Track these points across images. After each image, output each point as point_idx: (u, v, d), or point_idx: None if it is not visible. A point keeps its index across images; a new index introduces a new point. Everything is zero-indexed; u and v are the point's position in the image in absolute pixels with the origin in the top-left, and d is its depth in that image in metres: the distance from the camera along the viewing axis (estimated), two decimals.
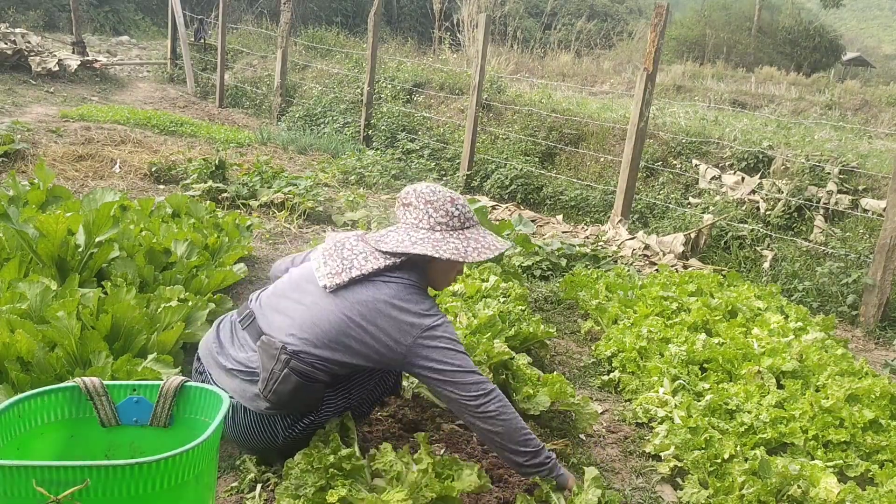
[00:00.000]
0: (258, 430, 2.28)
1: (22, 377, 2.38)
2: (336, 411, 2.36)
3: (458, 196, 2.37)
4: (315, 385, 2.22)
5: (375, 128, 9.69)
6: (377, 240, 2.32)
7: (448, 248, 2.25)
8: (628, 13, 33.35)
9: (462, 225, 2.32)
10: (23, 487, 1.46)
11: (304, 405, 2.26)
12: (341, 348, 2.20)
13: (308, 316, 2.23)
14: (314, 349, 2.19)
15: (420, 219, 2.30)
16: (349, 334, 2.19)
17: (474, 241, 2.30)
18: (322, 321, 2.20)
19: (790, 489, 2.41)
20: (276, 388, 2.18)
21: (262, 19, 18.25)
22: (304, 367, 2.17)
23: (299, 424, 2.29)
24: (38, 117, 8.84)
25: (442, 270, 2.37)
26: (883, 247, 4.83)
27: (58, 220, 3.17)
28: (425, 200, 2.30)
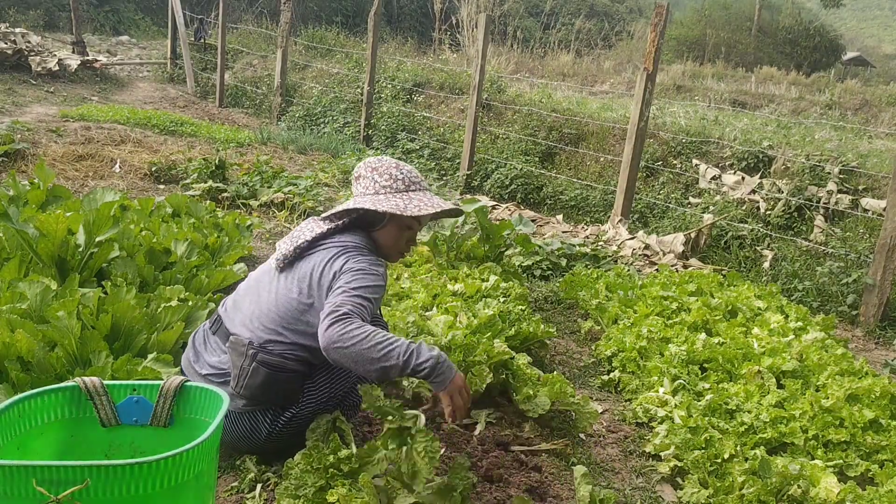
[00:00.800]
0: (240, 429, 2.30)
1: (22, 377, 2.38)
2: (320, 403, 2.34)
3: (405, 164, 2.42)
4: (287, 375, 2.24)
5: (375, 127, 9.69)
6: (324, 213, 2.42)
7: (388, 204, 2.28)
8: (628, 13, 33.35)
9: (406, 188, 2.36)
10: (23, 487, 1.46)
11: (280, 397, 2.27)
12: (301, 327, 2.23)
13: (265, 306, 2.28)
14: (277, 336, 2.23)
15: (367, 187, 2.36)
16: (303, 310, 2.23)
17: (417, 199, 2.33)
18: (279, 306, 2.25)
19: (790, 489, 2.41)
20: (247, 382, 2.21)
21: (262, 19, 18.25)
22: (273, 359, 2.21)
23: (281, 419, 2.29)
24: (38, 117, 8.84)
25: (388, 234, 2.39)
26: (883, 246, 4.83)
27: (58, 219, 3.17)
28: (371, 168, 2.38)
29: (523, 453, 2.62)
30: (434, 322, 3.18)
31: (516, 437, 2.72)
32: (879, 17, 54.43)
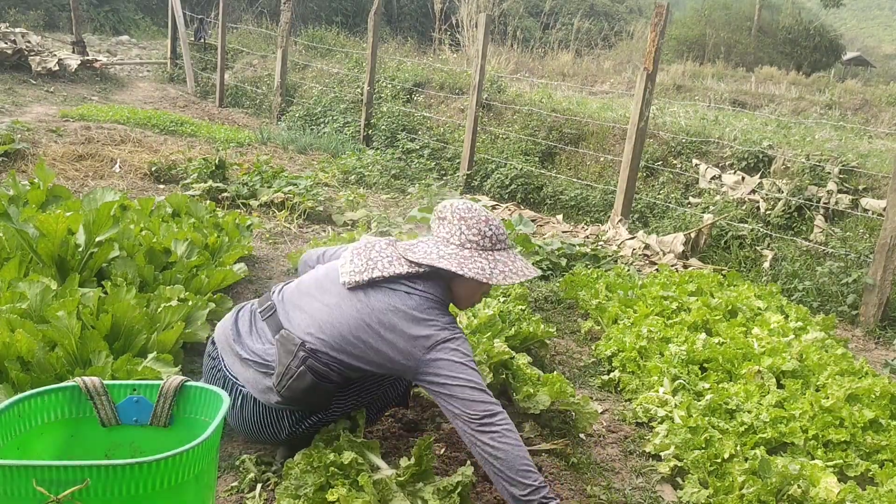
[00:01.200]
0: (265, 423, 2.30)
1: (22, 377, 2.38)
2: (344, 413, 2.37)
3: (494, 217, 2.34)
4: (328, 385, 2.23)
5: (375, 127, 9.69)
6: (406, 248, 2.32)
7: (474, 267, 2.23)
8: (628, 13, 33.34)
9: (493, 246, 2.29)
10: (23, 487, 1.46)
11: (314, 404, 2.27)
12: (357, 352, 2.20)
13: (328, 317, 2.23)
14: (331, 350, 2.20)
15: (452, 233, 2.29)
16: (366, 340, 2.19)
17: (502, 263, 2.27)
18: (341, 324, 2.21)
19: (790, 489, 2.41)
20: (291, 384, 2.19)
21: (262, 19, 18.25)
22: (320, 367, 2.19)
23: (306, 422, 2.30)
24: (38, 117, 8.84)
25: (466, 289, 2.35)
26: (883, 246, 4.83)
27: (58, 219, 3.17)
28: (459, 217, 2.30)
29: None
30: None
31: None
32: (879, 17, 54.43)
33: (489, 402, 2.12)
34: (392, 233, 5.55)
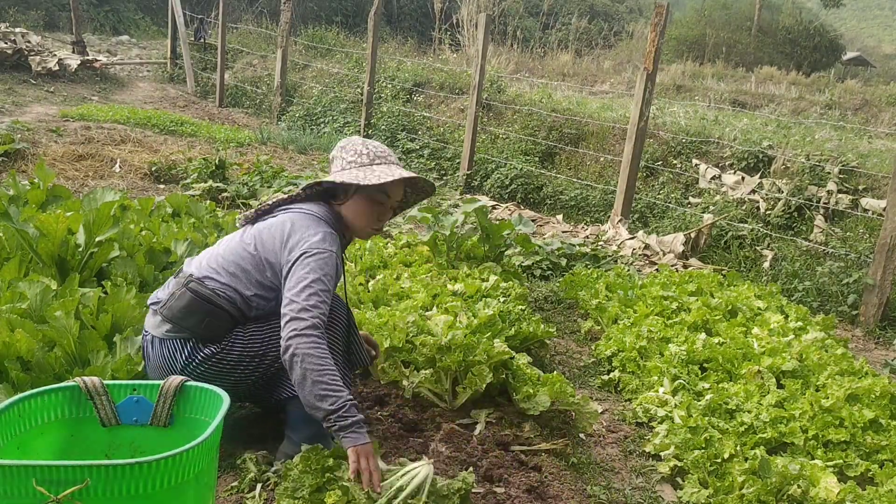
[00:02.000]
0: (162, 357, 2.34)
1: (22, 377, 2.38)
2: (245, 353, 2.34)
3: (373, 141, 2.47)
4: (212, 308, 2.29)
5: (375, 127, 9.69)
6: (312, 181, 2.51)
7: (348, 176, 2.34)
8: (628, 13, 33.32)
9: (371, 161, 2.39)
10: (23, 487, 1.46)
11: (200, 328, 2.30)
12: (236, 271, 2.33)
13: (217, 250, 2.43)
14: (215, 275, 2.33)
15: (336, 166, 2.42)
16: (244, 257, 2.34)
17: (379, 171, 2.36)
18: (226, 251, 2.39)
19: (790, 489, 2.41)
20: (171, 303, 2.31)
21: (262, 19, 18.25)
22: (203, 290, 2.30)
23: (200, 354, 2.32)
24: (38, 117, 8.84)
25: (356, 209, 2.41)
26: (883, 246, 4.83)
27: (58, 219, 3.17)
28: (340, 147, 2.44)
29: (523, 453, 2.62)
30: (434, 322, 3.18)
31: (516, 437, 2.72)
32: (879, 17, 54.43)
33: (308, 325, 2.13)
34: (392, 232, 5.56)
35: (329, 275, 2.24)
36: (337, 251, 2.32)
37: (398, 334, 2.99)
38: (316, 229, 2.31)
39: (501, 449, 2.62)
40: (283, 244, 2.30)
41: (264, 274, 2.32)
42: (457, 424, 2.77)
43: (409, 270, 4.13)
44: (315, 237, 2.28)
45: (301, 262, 2.24)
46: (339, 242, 2.37)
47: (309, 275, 2.21)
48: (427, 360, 2.91)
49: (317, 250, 2.25)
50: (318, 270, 2.22)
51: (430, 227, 4.57)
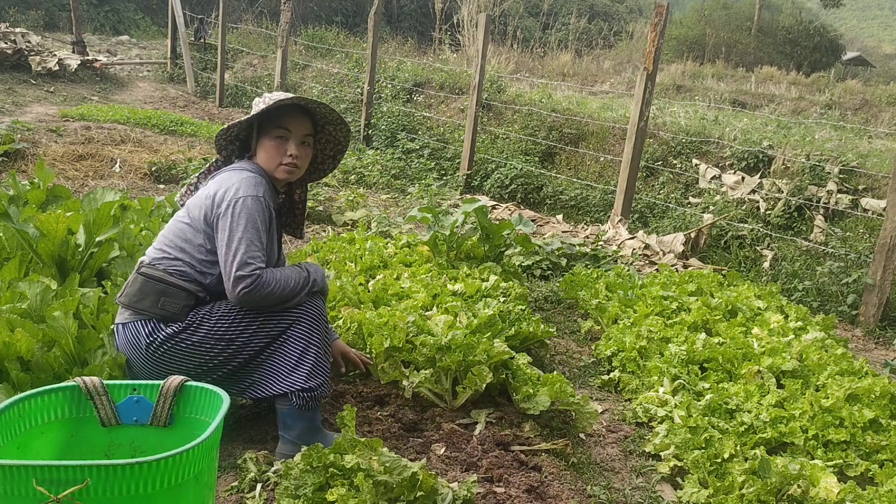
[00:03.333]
0: (127, 341, 2.39)
1: (22, 377, 2.38)
2: (211, 334, 2.35)
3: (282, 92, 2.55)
4: (165, 287, 2.34)
5: (375, 127, 9.69)
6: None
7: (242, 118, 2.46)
8: (628, 13, 33.33)
9: (269, 100, 2.44)
10: (23, 487, 1.46)
11: (157, 307, 2.34)
12: (180, 243, 2.41)
13: (161, 234, 2.50)
14: (163, 255, 2.41)
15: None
16: (182, 228, 2.42)
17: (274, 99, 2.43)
18: (167, 231, 2.47)
19: (790, 489, 2.41)
20: (127, 290, 2.40)
21: (262, 19, 18.25)
22: (154, 272, 2.37)
23: (161, 333, 2.34)
24: (38, 117, 8.84)
25: (265, 153, 2.48)
26: (883, 246, 4.83)
27: (58, 219, 3.18)
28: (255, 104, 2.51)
29: (523, 453, 2.62)
30: (434, 322, 3.18)
31: (516, 437, 2.72)
32: (879, 17, 54.43)
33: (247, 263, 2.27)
34: (392, 233, 5.55)
35: (253, 218, 2.32)
36: (263, 195, 2.38)
37: (398, 334, 2.99)
38: (237, 178, 2.39)
39: (501, 449, 2.62)
40: (210, 203, 2.38)
41: (204, 239, 2.40)
42: (457, 424, 2.77)
43: (409, 270, 4.13)
44: (234, 186, 2.36)
45: (226, 213, 2.32)
46: (266, 185, 2.44)
47: (237, 225, 2.30)
48: (427, 360, 2.91)
49: (240, 197, 2.33)
50: (244, 216, 2.31)
51: (430, 227, 4.57)
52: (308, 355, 2.41)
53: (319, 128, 2.62)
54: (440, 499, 2.10)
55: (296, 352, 2.41)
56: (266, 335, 2.41)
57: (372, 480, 2.04)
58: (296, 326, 2.42)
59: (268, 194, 2.44)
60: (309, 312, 2.44)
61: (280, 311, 2.41)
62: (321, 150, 2.70)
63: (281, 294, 2.34)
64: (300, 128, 2.50)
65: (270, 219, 2.44)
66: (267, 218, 2.39)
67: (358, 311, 3.25)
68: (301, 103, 2.50)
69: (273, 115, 2.47)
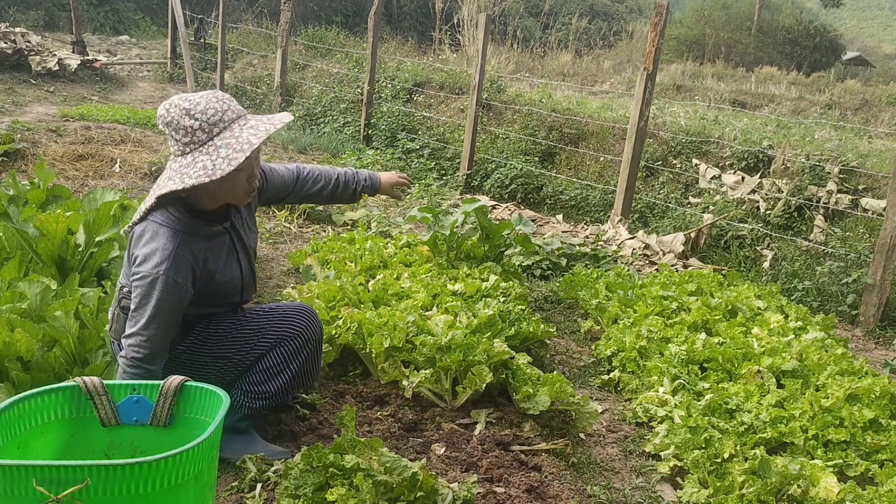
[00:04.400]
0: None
1: (22, 376, 2.38)
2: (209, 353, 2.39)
3: (196, 100, 2.09)
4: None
5: (375, 127, 9.69)
6: (154, 189, 2.24)
7: (195, 173, 2.05)
8: (628, 13, 33.32)
9: (209, 135, 2.08)
10: (23, 486, 1.46)
11: None
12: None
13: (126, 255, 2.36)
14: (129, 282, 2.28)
15: (172, 146, 2.14)
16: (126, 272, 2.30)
17: (225, 147, 2.06)
18: (125, 263, 2.34)
19: (790, 489, 2.41)
20: (114, 326, 2.35)
21: (262, 19, 18.24)
22: (129, 303, 2.25)
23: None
24: (38, 117, 8.84)
25: (218, 190, 2.19)
26: (883, 246, 4.83)
27: (58, 219, 3.18)
28: (164, 123, 2.12)
29: (523, 453, 2.62)
30: (434, 322, 3.18)
31: (516, 437, 2.73)
32: (879, 17, 54.43)
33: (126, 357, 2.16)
34: (392, 232, 5.56)
35: (151, 299, 2.14)
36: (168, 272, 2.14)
37: (398, 334, 2.99)
38: (158, 244, 2.16)
39: (501, 449, 2.62)
40: (131, 259, 2.25)
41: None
42: (457, 424, 2.77)
43: (409, 270, 4.13)
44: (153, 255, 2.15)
45: (140, 283, 2.16)
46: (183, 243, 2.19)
47: (135, 301, 2.17)
48: (427, 360, 2.91)
49: (153, 275, 2.14)
50: (152, 299, 2.14)
51: (430, 227, 4.57)
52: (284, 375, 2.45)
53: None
54: (440, 499, 2.10)
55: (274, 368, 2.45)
56: (261, 350, 2.45)
57: (372, 480, 2.04)
58: (284, 344, 2.45)
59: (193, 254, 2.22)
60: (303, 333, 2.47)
61: (277, 326, 2.43)
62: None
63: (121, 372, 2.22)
64: (255, 152, 2.19)
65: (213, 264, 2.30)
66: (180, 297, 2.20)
67: (358, 311, 3.25)
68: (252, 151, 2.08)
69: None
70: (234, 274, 2.40)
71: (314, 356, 2.57)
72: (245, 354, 2.43)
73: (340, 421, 2.27)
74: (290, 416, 2.73)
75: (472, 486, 2.17)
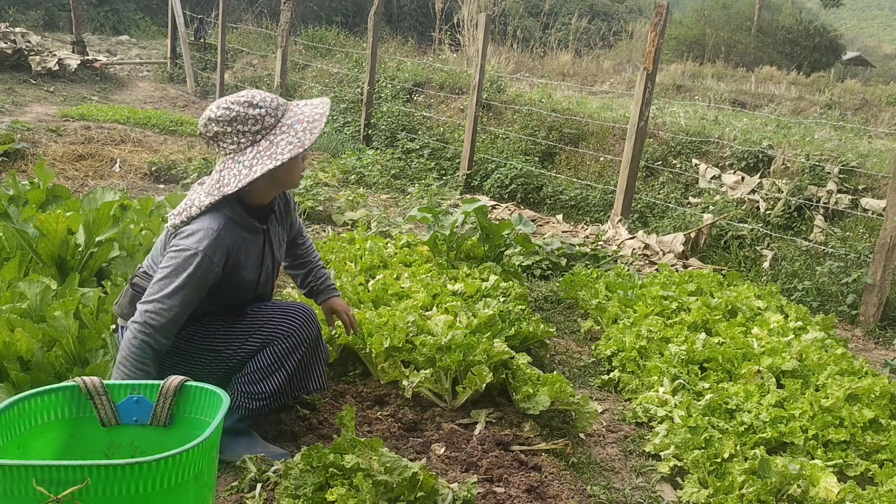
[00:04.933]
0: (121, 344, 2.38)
1: (22, 376, 2.38)
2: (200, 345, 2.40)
3: (247, 94, 2.25)
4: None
5: (375, 127, 9.69)
6: (219, 187, 2.27)
7: (284, 149, 2.19)
8: (628, 13, 33.31)
9: (276, 118, 2.24)
10: (23, 487, 1.46)
11: None
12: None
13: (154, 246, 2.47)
14: (152, 269, 2.37)
15: (237, 141, 2.23)
16: (159, 248, 2.38)
17: (297, 123, 2.23)
18: (157, 243, 2.43)
19: (790, 488, 2.41)
20: (119, 300, 2.43)
21: (262, 19, 18.24)
22: (143, 284, 2.35)
23: None
24: (38, 117, 8.84)
25: (280, 177, 2.32)
26: (883, 246, 4.83)
27: (58, 219, 3.18)
28: (226, 121, 2.21)
29: (523, 453, 2.62)
30: (434, 322, 3.18)
31: (516, 437, 2.73)
32: (879, 17, 54.44)
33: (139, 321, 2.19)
34: (392, 232, 5.56)
35: (183, 272, 2.20)
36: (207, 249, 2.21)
37: (398, 334, 2.99)
38: (205, 225, 2.25)
39: (501, 449, 2.62)
40: (173, 231, 2.33)
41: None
42: (457, 424, 2.77)
43: (409, 270, 4.13)
44: (198, 233, 2.23)
45: (174, 254, 2.24)
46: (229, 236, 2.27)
47: (164, 270, 2.23)
48: (427, 360, 2.91)
49: (192, 250, 2.21)
50: (184, 272, 2.20)
51: (430, 227, 4.57)
52: (279, 375, 2.43)
53: None
54: (441, 499, 2.10)
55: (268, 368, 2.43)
56: (253, 346, 2.43)
57: (372, 480, 2.04)
58: (277, 343, 2.42)
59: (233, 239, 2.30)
60: (297, 332, 2.44)
61: (270, 324, 2.42)
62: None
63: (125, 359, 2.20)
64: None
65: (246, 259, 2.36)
66: (210, 276, 2.25)
67: (358, 311, 3.25)
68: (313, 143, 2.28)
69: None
70: (255, 275, 2.45)
71: (311, 357, 2.53)
72: (236, 350, 2.41)
73: (340, 421, 2.27)
74: (290, 416, 2.73)
75: (472, 487, 2.17)
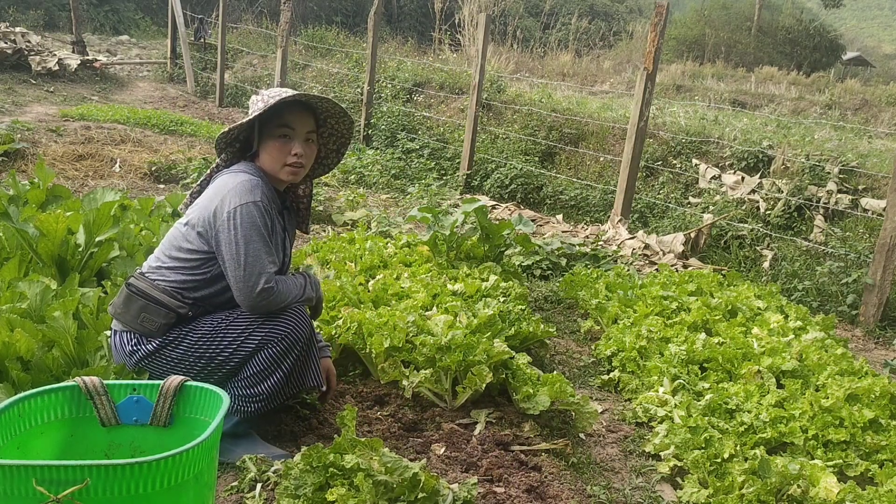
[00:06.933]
0: (115, 350, 2.44)
1: (22, 376, 2.38)
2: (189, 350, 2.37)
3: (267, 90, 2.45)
4: (146, 303, 2.32)
5: (375, 127, 9.69)
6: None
7: (243, 120, 2.38)
8: (628, 13, 33.31)
9: (268, 98, 2.37)
10: (23, 487, 1.46)
11: (138, 323, 2.34)
12: (177, 254, 2.37)
13: (161, 242, 2.48)
14: (158, 264, 2.40)
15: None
16: (177, 236, 2.40)
17: (267, 96, 2.37)
18: (165, 239, 2.45)
19: (790, 489, 2.41)
20: (114, 301, 2.40)
21: (262, 19, 18.24)
22: (139, 284, 2.35)
23: (143, 348, 2.36)
24: (38, 116, 8.84)
25: (268, 155, 2.42)
26: (883, 246, 4.83)
27: (58, 219, 3.18)
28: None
29: (523, 453, 2.62)
30: (434, 322, 3.18)
31: (516, 437, 2.73)
32: (879, 17, 54.45)
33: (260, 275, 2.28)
34: (392, 232, 5.55)
35: (256, 225, 2.29)
36: (261, 199, 2.33)
37: (398, 334, 2.99)
38: (232, 184, 2.33)
39: (501, 449, 2.62)
40: (208, 216, 2.33)
41: (199, 249, 2.35)
42: (457, 424, 2.77)
43: (409, 270, 4.13)
44: (229, 195, 2.31)
45: (226, 226, 2.28)
46: (264, 188, 2.38)
47: (240, 237, 2.27)
48: (427, 360, 2.91)
49: (236, 207, 2.28)
50: (244, 226, 2.27)
51: (430, 227, 4.57)
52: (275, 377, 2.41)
53: (321, 122, 2.55)
54: (441, 499, 2.10)
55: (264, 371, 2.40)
56: (246, 351, 2.39)
57: (372, 480, 2.04)
58: (272, 346, 2.38)
59: (267, 196, 2.37)
60: (291, 334, 2.39)
61: (262, 328, 2.37)
62: (324, 144, 2.62)
63: (285, 304, 2.37)
64: (303, 125, 2.42)
65: (272, 221, 2.39)
66: (268, 221, 2.34)
67: (358, 311, 3.25)
68: (303, 99, 2.41)
69: (274, 114, 2.38)
70: (278, 256, 2.47)
71: (306, 357, 2.49)
72: (230, 355, 2.36)
73: (341, 421, 2.27)
74: (290, 417, 2.73)
75: (472, 487, 2.17)
